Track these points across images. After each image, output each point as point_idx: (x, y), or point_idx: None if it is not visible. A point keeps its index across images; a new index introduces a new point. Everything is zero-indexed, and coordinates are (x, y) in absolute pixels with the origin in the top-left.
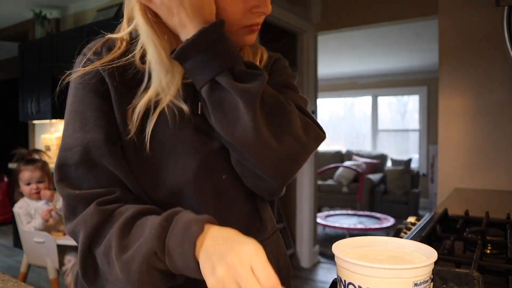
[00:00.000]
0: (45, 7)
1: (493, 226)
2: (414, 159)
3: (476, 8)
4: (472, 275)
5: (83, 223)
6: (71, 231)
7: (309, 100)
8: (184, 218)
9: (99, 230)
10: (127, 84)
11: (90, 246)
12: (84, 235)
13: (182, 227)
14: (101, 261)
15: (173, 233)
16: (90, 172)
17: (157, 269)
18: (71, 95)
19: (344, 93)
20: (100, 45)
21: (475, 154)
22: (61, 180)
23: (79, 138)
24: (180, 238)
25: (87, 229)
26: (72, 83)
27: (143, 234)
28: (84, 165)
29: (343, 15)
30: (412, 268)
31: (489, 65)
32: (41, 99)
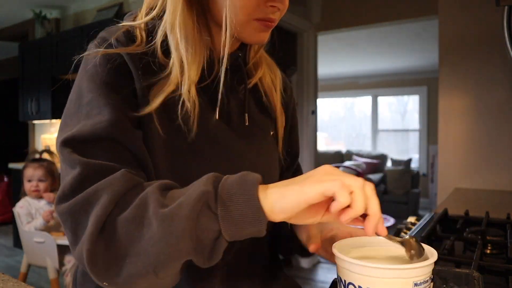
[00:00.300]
0: (45, 7)
1: (493, 226)
2: (414, 159)
3: (476, 8)
4: (472, 275)
5: (109, 186)
6: (82, 201)
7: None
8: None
9: (127, 196)
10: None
11: (112, 212)
12: (109, 199)
13: (237, 175)
14: (127, 228)
15: (229, 179)
16: (112, 149)
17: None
18: (90, 71)
19: (344, 93)
20: (121, 34)
21: (475, 154)
22: (74, 151)
23: (110, 112)
24: (238, 180)
25: (114, 192)
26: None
27: (186, 192)
28: (106, 141)
29: (343, 15)
30: (412, 268)
31: (489, 65)
32: (41, 99)
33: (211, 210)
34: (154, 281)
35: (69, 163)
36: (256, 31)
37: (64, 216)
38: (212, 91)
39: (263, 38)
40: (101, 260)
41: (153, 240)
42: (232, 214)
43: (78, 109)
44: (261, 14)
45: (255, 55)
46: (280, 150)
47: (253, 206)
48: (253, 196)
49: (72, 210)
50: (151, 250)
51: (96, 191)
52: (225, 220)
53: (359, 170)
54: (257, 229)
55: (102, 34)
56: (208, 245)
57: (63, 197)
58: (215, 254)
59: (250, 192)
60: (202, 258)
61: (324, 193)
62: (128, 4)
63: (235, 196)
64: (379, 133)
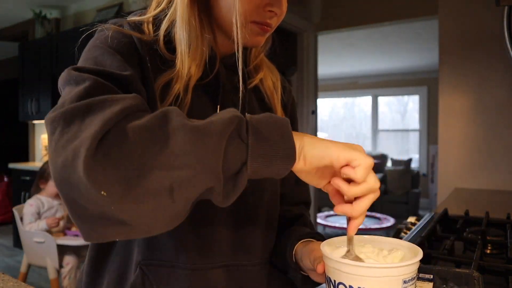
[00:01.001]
0: (45, 7)
1: (493, 226)
2: (414, 159)
3: (476, 8)
4: (472, 275)
5: (122, 99)
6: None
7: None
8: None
9: (141, 111)
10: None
11: (123, 119)
12: (120, 107)
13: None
14: (141, 135)
15: (255, 115)
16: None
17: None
18: (101, 40)
19: (344, 93)
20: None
21: (475, 154)
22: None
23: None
24: (268, 117)
25: (127, 104)
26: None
27: (217, 116)
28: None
29: (343, 15)
30: (402, 266)
31: (489, 65)
32: (41, 99)
33: (241, 138)
34: (165, 202)
35: (76, 80)
36: (253, 34)
37: (52, 119)
38: (214, 89)
39: (258, 41)
40: (102, 167)
41: (177, 152)
42: (263, 145)
43: (85, 61)
44: (259, 18)
45: (255, 58)
46: None
47: (287, 141)
48: (288, 132)
49: (68, 113)
50: (174, 163)
51: (105, 100)
52: (254, 151)
53: None
54: (283, 166)
55: (112, 20)
56: (230, 176)
57: (60, 106)
58: (233, 191)
59: (284, 128)
60: (222, 191)
61: (351, 159)
62: (128, 4)
63: (269, 128)
64: (379, 133)
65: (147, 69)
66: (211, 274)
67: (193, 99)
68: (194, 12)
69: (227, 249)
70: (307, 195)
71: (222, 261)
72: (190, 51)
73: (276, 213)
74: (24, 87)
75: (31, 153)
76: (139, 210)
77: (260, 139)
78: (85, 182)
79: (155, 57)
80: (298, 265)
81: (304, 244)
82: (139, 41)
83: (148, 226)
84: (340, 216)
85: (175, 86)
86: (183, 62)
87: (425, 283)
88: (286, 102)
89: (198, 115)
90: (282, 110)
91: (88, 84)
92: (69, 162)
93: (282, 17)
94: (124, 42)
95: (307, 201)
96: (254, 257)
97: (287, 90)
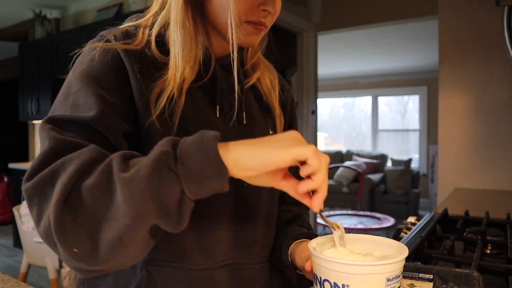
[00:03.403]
0: (45, 7)
1: (493, 226)
2: (414, 159)
3: (476, 8)
4: (472, 275)
5: (76, 157)
6: (50, 173)
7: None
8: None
9: (94, 165)
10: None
11: (78, 179)
12: (75, 167)
13: (195, 135)
14: (92, 194)
15: (187, 139)
16: (90, 134)
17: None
18: (85, 63)
19: (344, 93)
20: (120, 32)
21: (475, 154)
22: (53, 129)
23: (95, 102)
24: (196, 139)
25: (81, 161)
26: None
27: (150, 155)
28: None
29: (343, 15)
30: (386, 264)
31: (489, 65)
32: (41, 99)
33: (172, 170)
34: (122, 250)
35: (45, 138)
36: (247, 34)
37: (29, 192)
38: (211, 90)
39: (253, 41)
40: (69, 228)
41: (118, 204)
42: (192, 170)
43: (66, 97)
44: (253, 18)
45: (252, 57)
46: None
47: (213, 159)
48: (212, 150)
49: (39, 184)
50: (117, 214)
51: (64, 163)
52: (186, 178)
53: (359, 170)
54: (219, 183)
55: (101, 32)
56: (173, 207)
57: (32, 174)
58: (182, 216)
59: (208, 147)
60: (168, 222)
61: (297, 157)
62: (128, 4)
63: (193, 153)
64: (379, 133)
65: (136, 79)
66: (214, 274)
67: (190, 101)
68: (188, 14)
69: (228, 249)
70: None
71: (224, 261)
72: (183, 53)
73: (275, 212)
74: (24, 87)
75: (31, 153)
76: (106, 259)
77: (187, 166)
78: (59, 245)
79: (147, 63)
80: (294, 265)
81: (298, 244)
82: (126, 53)
83: (120, 265)
84: (340, 216)
85: (167, 89)
86: (177, 64)
87: (425, 283)
88: (285, 101)
89: (195, 117)
90: (280, 108)
91: (50, 146)
92: (47, 228)
93: (276, 16)
94: (109, 63)
95: None
96: (255, 256)
97: (286, 88)
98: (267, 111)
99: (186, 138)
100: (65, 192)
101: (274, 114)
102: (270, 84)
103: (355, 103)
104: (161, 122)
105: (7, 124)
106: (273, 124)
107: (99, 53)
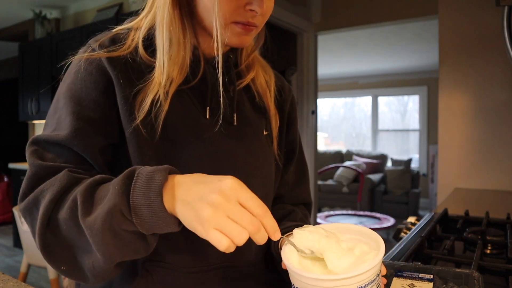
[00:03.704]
0: (45, 7)
1: (493, 226)
2: (414, 159)
3: (476, 8)
4: (472, 275)
5: (51, 186)
6: (33, 199)
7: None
8: (146, 170)
9: (66, 193)
10: (136, 73)
11: (54, 210)
12: (49, 198)
13: (145, 179)
14: (66, 225)
15: (136, 186)
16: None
17: (124, 230)
18: (71, 76)
19: (344, 93)
20: (107, 39)
21: (475, 154)
22: (35, 152)
23: (69, 122)
24: (145, 190)
25: (54, 191)
26: (74, 67)
27: (107, 194)
28: (62, 146)
29: (343, 15)
30: (354, 276)
31: (489, 65)
32: (41, 99)
33: (127, 218)
34: (101, 273)
35: (28, 164)
36: (236, 34)
37: (22, 213)
38: (201, 92)
39: (244, 41)
40: (53, 248)
41: (86, 239)
42: (144, 221)
43: (55, 112)
44: (240, 18)
45: (247, 57)
46: (275, 149)
47: (160, 214)
48: (158, 206)
49: (27, 208)
50: (89, 247)
51: (42, 190)
52: (141, 226)
53: (359, 170)
54: (171, 229)
55: (90, 40)
56: (136, 246)
57: (22, 196)
58: (149, 246)
59: (155, 203)
60: (136, 255)
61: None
62: (128, 4)
63: (143, 206)
64: (379, 133)
65: (120, 86)
66: (206, 276)
67: (179, 103)
68: (175, 15)
69: (220, 251)
70: (307, 196)
71: (216, 264)
72: (169, 55)
73: None
74: (24, 87)
75: None
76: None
77: (141, 219)
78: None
79: (134, 67)
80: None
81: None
82: (111, 61)
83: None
84: (340, 216)
85: (152, 92)
86: (162, 67)
87: (425, 283)
88: (281, 101)
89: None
90: (275, 108)
91: (32, 173)
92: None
93: (267, 15)
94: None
95: (307, 201)
96: (248, 258)
97: (287, 89)
98: (262, 112)
99: (137, 181)
100: (45, 219)
101: (269, 115)
102: (265, 84)
103: (355, 103)
104: (145, 126)
105: (7, 124)
106: (268, 125)
107: (84, 64)
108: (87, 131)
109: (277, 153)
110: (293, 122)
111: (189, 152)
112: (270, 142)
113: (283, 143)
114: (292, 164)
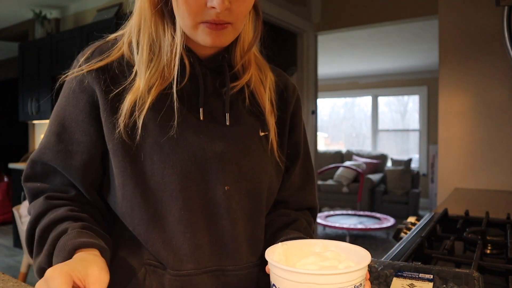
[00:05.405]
0: (45, 7)
1: (493, 226)
2: (414, 159)
3: (476, 8)
4: (472, 275)
5: (33, 208)
6: (29, 211)
7: (309, 100)
8: (62, 241)
9: (39, 220)
10: (120, 82)
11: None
12: (31, 220)
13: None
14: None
15: (55, 255)
16: (55, 175)
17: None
18: (60, 96)
19: (344, 93)
20: (91, 51)
21: (475, 154)
22: (29, 175)
23: (53, 143)
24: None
25: (34, 214)
26: (66, 84)
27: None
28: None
29: (343, 15)
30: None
31: (489, 65)
32: (41, 99)
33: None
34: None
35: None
36: (207, 34)
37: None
38: (193, 93)
39: (218, 40)
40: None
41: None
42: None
43: (48, 129)
44: (206, 17)
45: (243, 56)
46: (275, 150)
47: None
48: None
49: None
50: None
51: (30, 210)
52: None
53: (359, 170)
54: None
55: (78, 55)
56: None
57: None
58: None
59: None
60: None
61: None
62: (128, 4)
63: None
64: (379, 133)
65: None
66: (198, 280)
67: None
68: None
69: (210, 255)
70: (312, 200)
71: (207, 267)
72: (150, 59)
73: (262, 216)
74: (24, 87)
75: (31, 153)
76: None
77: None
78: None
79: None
80: None
81: None
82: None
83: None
84: (340, 216)
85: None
86: (140, 71)
87: (425, 283)
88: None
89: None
90: (271, 108)
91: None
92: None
93: (240, 10)
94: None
95: (312, 206)
96: (240, 262)
97: (291, 89)
98: (258, 112)
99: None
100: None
101: (266, 115)
102: (260, 83)
103: (355, 103)
104: (128, 135)
105: (7, 124)
106: (265, 125)
107: (68, 84)
108: (69, 152)
109: (278, 155)
110: (297, 124)
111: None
112: (268, 143)
113: (285, 145)
114: (296, 166)
